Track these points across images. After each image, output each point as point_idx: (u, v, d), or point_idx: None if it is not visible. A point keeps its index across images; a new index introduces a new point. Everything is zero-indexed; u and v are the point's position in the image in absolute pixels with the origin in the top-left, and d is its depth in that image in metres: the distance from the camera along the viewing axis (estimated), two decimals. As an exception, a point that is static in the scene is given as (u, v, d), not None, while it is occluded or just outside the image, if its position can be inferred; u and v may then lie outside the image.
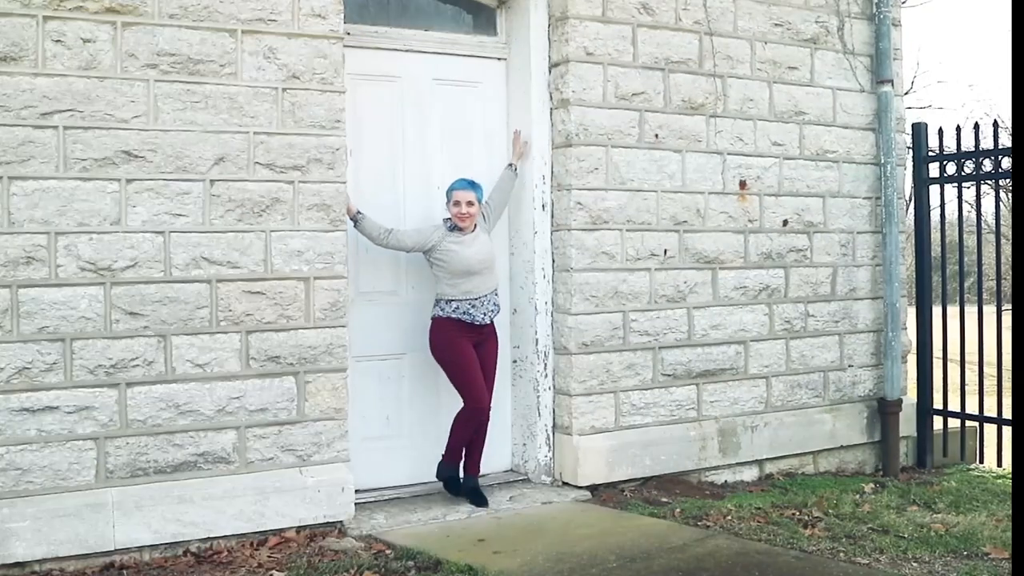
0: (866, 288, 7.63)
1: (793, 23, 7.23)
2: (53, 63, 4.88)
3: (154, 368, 5.12)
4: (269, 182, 5.37)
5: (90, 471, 4.98)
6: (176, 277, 5.16)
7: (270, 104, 5.37)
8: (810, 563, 4.91)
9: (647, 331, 6.62)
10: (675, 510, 5.95)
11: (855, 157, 7.56)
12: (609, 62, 6.46)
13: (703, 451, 6.81)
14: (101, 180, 4.99)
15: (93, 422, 4.98)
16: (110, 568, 4.94)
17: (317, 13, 5.47)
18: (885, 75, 7.54)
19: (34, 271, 4.87)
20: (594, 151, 6.43)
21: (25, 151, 4.84)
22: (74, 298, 4.95)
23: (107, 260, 5.01)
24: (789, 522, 5.79)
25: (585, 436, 6.40)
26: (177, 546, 5.11)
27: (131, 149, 5.05)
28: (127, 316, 5.06)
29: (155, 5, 5.09)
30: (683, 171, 6.75)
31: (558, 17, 6.42)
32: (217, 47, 5.23)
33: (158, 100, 5.11)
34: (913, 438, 7.81)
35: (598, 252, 6.44)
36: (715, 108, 6.88)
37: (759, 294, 7.10)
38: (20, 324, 4.85)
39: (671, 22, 6.70)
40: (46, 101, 4.87)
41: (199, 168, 5.20)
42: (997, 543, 5.35)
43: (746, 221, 7.03)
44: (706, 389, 6.87)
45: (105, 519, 4.93)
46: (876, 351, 7.66)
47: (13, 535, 4.74)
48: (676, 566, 4.82)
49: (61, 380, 4.92)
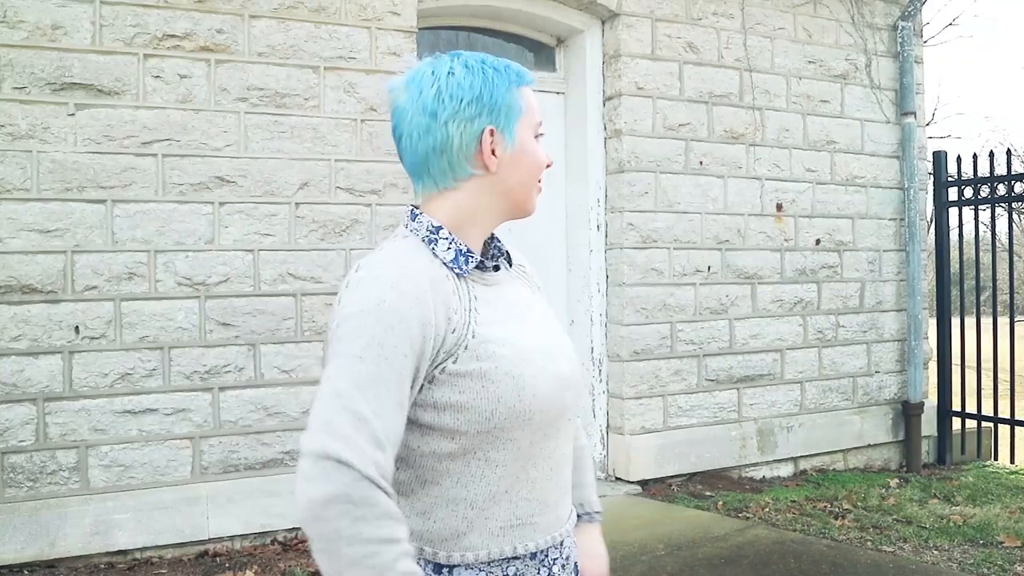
0: (891, 301, 7.15)
1: (825, 60, 6.77)
2: (153, 97, 4.55)
3: (244, 374, 4.77)
4: (349, 205, 5.01)
5: (186, 467, 4.64)
6: (264, 291, 4.81)
7: (350, 134, 5.01)
8: (840, 551, 4.69)
9: (692, 340, 6.19)
10: (718, 503, 5.60)
11: (881, 182, 7.07)
12: (658, 96, 6.03)
13: (743, 449, 6.36)
14: (196, 203, 4.65)
15: (189, 423, 4.64)
16: (204, 556, 4.58)
17: (392, 51, 5.11)
18: (908, 108, 7.09)
19: (135, 286, 4.55)
20: (644, 177, 6.00)
21: (127, 176, 4.52)
22: (172, 310, 4.61)
23: (202, 276, 4.67)
24: (821, 514, 5.48)
25: (636, 436, 5.97)
26: (265, 535, 4.73)
27: (223, 175, 4.71)
28: (220, 327, 4.72)
29: (245, 44, 4.75)
30: (725, 195, 6.31)
31: (611, 55, 6.02)
32: (302, 82, 4.88)
33: (248, 130, 4.76)
34: (934, 437, 7.37)
35: (648, 268, 6.02)
36: (754, 137, 6.42)
37: (794, 307, 6.64)
38: (123, 334, 4.52)
39: (714, 59, 6.27)
40: (146, 131, 4.54)
41: (285, 192, 4.85)
42: (1011, 533, 5.14)
43: (782, 240, 6.58)
44: (746, 393, 6.42)
45: (200, 511, 4.59)
46: (900, 358, 7.17)
47: (116, 526, 4.42)
48: (719, 553, 4.58)
49: (160, 385, 4.59)
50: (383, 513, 1.28)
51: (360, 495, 1.26)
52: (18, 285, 4.36)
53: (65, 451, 4.43)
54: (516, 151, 1.54)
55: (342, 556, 1.25)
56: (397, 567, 1.27)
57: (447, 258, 1.49)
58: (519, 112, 1.54)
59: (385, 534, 1.27)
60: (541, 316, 1.62)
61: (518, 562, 1.50)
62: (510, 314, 1.54)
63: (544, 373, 1.48)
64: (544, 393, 1.47)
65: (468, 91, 1.50)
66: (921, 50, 7.35)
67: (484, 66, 1.53)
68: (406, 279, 1.40)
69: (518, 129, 1.54)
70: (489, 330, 1.47)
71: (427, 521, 1.47)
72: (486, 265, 1.56)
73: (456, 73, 1.51)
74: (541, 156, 1.59)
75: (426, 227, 1.52)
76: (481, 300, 1.51)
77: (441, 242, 1.51)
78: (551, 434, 1.52)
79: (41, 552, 4.28)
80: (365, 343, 1.34)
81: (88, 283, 4.47)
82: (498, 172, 1.53)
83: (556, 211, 6.17)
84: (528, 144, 1.56)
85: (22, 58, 4.36)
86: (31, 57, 4.37)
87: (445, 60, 1.53)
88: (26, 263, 4.37)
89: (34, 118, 4.38)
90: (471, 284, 1.52)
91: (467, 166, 1.51)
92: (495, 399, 1.42)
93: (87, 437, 4.46)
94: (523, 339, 1.51)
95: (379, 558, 1.26)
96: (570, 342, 1.64)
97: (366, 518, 1.26)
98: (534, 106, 1.58)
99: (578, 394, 1.60)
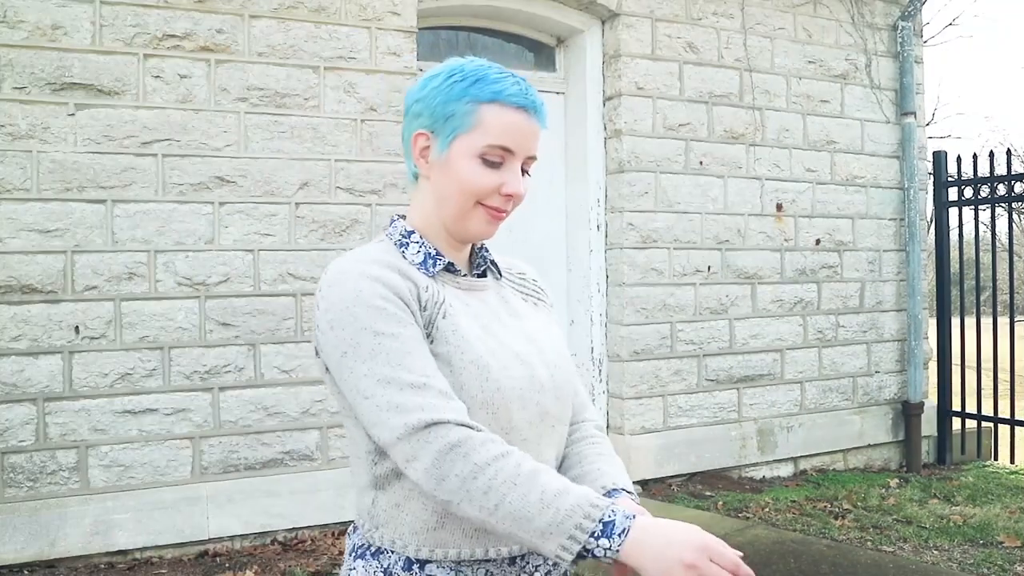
0: (891, 301, 7.12)
1: (825, 60, 6.75)
2: (153, 97, 4.54)
3: (244, 374, 4.76)
4: (349, 205, 4.99)
5: (186, 467, 4.63)
6: (264, 291, 4.80)
7: (350, 134, 5.00)
8: (840, 551, 4.63)
9: (692, 340, 6.17)
10: (718, 503, 5.58)
11: (881, 182, 7.06)
12: (658, 96, 6.01)
13: (743, 449, 6.34)
14: (196, 203, 4.64)
15: (189, 423, 4.63)
16: (204, 556, 4.57)
17: (392, 52, 5.10)
18: (908, 108, 7.08)
19: (135, 286, 4.53)
20: (644, 177, 5.98)
21: (127, 176, 4.50)
22: (172, 310, 4.60)
23: (202, 276, 4.66)
24: (821, 514, 5.46)
25: (636, 435, 5.96)
26: (265, 535, 4.73)
27: (223, 175, 4.70)
28: (220, 327, 4.71)
29: (245, 44, 4.74)
30: (725, 195, 6.29)
31: (611, 55, 6.00)
32: (302, 82, 4.87)
33: (248, 130, 4.75)
34: (934, 437, 7.35)
35: (648, 268, 6.00)
36: (754, 137, 6.41)
37: (794, 307, 6.62)
38: (123, 334, 4.51)
39: (714, 59, 6.25)
40: (146, 131, 4.53)
41: (285, 192, 4.84)
42: (1011, 533, 5.11)
43: (782, 240, 6.56)
44: (746, 393, 6.40)
45: (200, 511, 4.58)
46: (900, 358, 7.15)
47: (116, 526, 4.41)
48: None
49: (160, 384, 4.58)
50: (484, 439, 1.36)
51: (456, 438, 1.35)
52: (18, 285, 4.35)
53: (65, 451, 4.42)
54: (444, 161, 1.51)
55: (477, 491, 1.33)
56: (522, 470, 1.34)
57: (416, 260, 1.53)
58: (462, 126, 1.48)
59: (496, 452, 1.35)
60: (533, 328, 1.63)
61: (491, 564, 1.51)
62: (485, 316, 1.56)
63: (511, 371, 1.50)
64: (510, 389, 1.48)
65: (419, 91, 1.53)
66: (921, 50, 7.33)
67: (457, 73, 1.50)
68: (369, 267, 1.45)
69: (456, 142, 1.49)
70: (458, 319, 1.50)
71: (400, 513, 1.49)
72: (456, 269, 1.57)
73: (436, 75, 1.54)
74: (476, 177, 1.49)
75: (399, 232, 1.57)
76: (452, 298, 1.53)
77: (412, 246, 1.55)
78: (530, 439, 1.52)
79: (41, 552, 4.27)
80: (371, 332, 1.40)
81: (88, 283, 4.47)
82: (431, 177, 1.54)
83: (556, 211, 6.17)
84: (461, 161, 1.49)
85: (22, 58, 4.35)
86: (31, 57, 4.36)
87: (447, 63, 1.56)
88: (26, 263, 4.37)
89: (34, 118, 4.37)
90: (443, 285, 1.55)
91: (412, 163, 1.56)
92: (458, 386, 1.44)
93: (87, 437, 4.46)
94: (493, 339, 1.53)
95: (504, 472, 1.33)
96: (563, 357, 1.63)
97: (475, 450, 1.34)
98: (495, 129, 1.48)
99: (562, 402, 1.60)
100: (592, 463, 1.62)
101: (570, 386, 1.63)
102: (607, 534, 1.30)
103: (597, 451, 1.67)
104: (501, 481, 1.32)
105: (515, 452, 1.36)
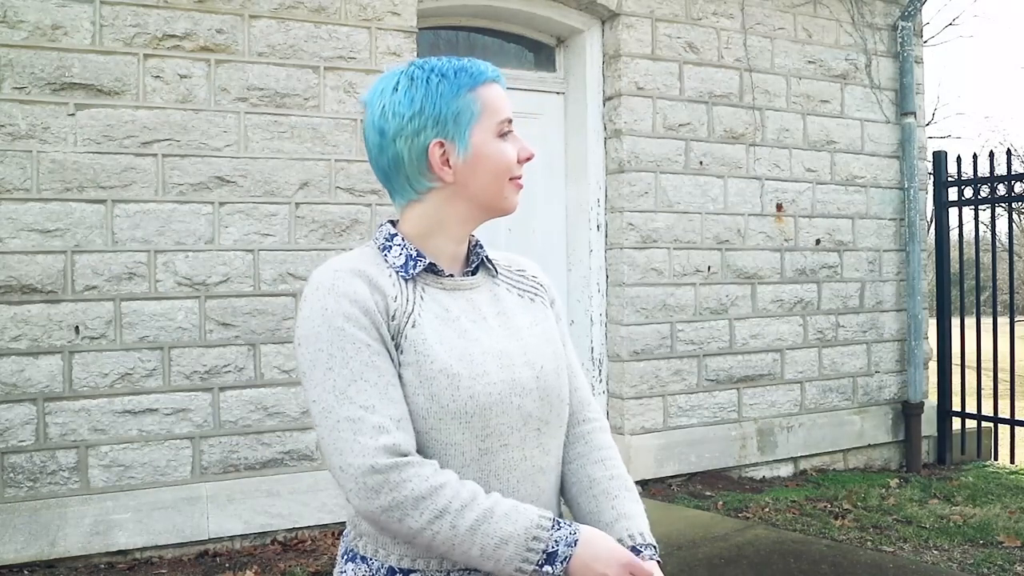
0: (891, 301, 7.12)
1: (825, 60, 6.75)
2: (152, 96, 4.54)
3: (244, 374, 4.76)
4: (349, 205, 4.99)
5: (186, 467, 4.63)
6: (264, 291, 4.80)
7: (350, 134, 4.99)
8: (840, 551, 4.65)
9: (692, 340, 6.17)
10: (718, 503, 5.57)
11: (881, 182, 7.05)
12: (658, 96, 6.01)
13: (743, 449, 6.33)
14: (196, 203, 4.64)
15: (189, 423, 4.63)
16: (204, 556, 4.56)
17: (392, 51, 5.09)
18: (908, 108, 7.07)
19: (135, 286, 4.53)
20: (644, 177, 5.97)
21: (127, 176, 4.50)
22: (172, 310, 4.60)
23: (202, 276, 4.66)
24: (821, 514, 5.45)
25: (636, 435, 5.95)
26: (265, 535, 4.72)
27: (223, 175, 4.70)
28: (220, 327, 4.70)
29: (245, 44, 4.73)
30: (725, 195, 6.29)
31: (611, 55, 6.00)
32: (302, 82, 4.87)
33: (248, 130, 4.74)
34: (934, 437, 7.34)
35: (648, 268, 6.00)
36: (754, 138, 6.40)
37: (794, 307, 6.62)
38: (123, 334, 4.51)
39: (714, 59, 6.25)
40: (146, 131, 4.53)
41: (285, 192, 4.84)
42: (1011, 533, 5.10)
43: (782, 240, 6.56)
44: (746, 393, 6.39)
45: (200, 511, 4.57)
46: (900, 358, 7.15)
47: (116, 526, 4.40)
48: (719, 553, 4.54)
49: (160, 384, 4.57)
50: (416, 492, 1.38)
51: (396, 479, 1.37)
52: (18, 285, 4.35)
53: (65, 451, 4.42)
54: (471, 157, 1.50)
55: (420, 546, 1.42)
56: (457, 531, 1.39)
57: (397, 263, 1.52)
58: (472, 116, 1.49)
59: (429, 514, 1.38)
60: (521, 325, 1.59)
61: (478, 573, 1.47)
62: (466, 317, 1.53)
63: (487, 377, 1.47)
64: (484, 396, 1.46)
65: (408, 106, 1.49)
66: (921, 50, 7.33)
67: (431, 75, 1.49)
68: (340, 279, 1.45)
69: (473, 134, 1.50)
70: (429, 328, 1.48)
71: None
72: (439, 270, 1.55)
73: (399, 88, 1.49)
74: (507, 155, 1.53)
75: (384, 235, 1.57)
76: (431, 301, 1.51)
77: (394, 248, 1.54)
78: (512, 444, 1.50)
79: (41, 552, 4.27)
80: (326, 355, 1.41)
81: (88, 283, 4.46)
82: (456, 181, 1.51)
83: (556, 211, 6.16)
84: (487, 147, 1.51)
85: (22, 58, 4.35)
86: (31, 57, 4.36)
87: (395, 73, 1.52)
88: (26, 263, 4.37)
89: (34, 118, 4.37)
90: (424, 287, 1.53)
91: (423, 180, 1.52)
92: (429, 396, 1.44)
93: (87, 437, 4.45)
94: (473, 343, 1.50)
95: (441, 536, 1.38)
96: (552, 355, 1.60)
97: (407, 514, 1.38)
98: (496, 104, 1.52)
99: (548, 403, 1.55)
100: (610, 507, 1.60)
101: (560, 385, 1.59)
102: (551, 562, 1.39)
103: (608, 475, 1.63)
104: (440, 542, 1.38)
105: (451, 505, 1.38)
